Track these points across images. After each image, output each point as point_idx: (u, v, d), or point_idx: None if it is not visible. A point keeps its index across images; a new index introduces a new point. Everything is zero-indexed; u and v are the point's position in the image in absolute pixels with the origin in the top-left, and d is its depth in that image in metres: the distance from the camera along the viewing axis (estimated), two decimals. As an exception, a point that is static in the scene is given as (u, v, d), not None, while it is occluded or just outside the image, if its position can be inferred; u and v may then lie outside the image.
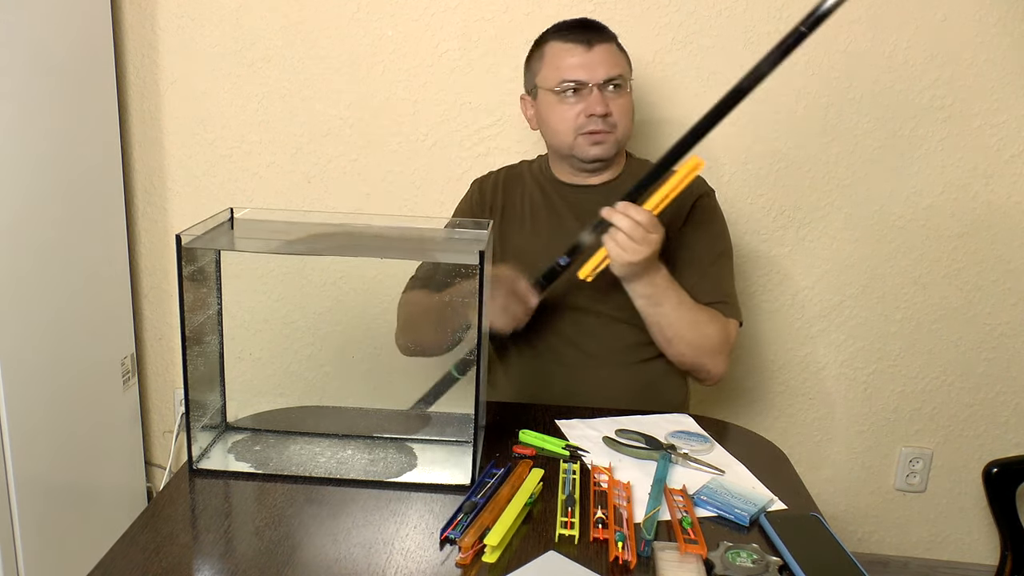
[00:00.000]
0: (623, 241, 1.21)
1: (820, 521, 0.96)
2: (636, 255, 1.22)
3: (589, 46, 1.36)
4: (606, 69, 1.35)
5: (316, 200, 1.90)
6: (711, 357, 1.37)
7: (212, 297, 1.12)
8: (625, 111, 1.38)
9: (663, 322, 1.33)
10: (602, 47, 1.36)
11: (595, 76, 1.35)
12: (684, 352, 1.36)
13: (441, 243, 1.21)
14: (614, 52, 1.38)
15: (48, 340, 1.61)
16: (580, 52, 1.36)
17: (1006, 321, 1.90)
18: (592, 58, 1.35)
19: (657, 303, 1.31)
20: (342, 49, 1.81)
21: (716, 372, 1.39)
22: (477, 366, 1.04)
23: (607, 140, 1.37)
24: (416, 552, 0.90)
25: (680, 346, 1.35)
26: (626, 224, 1.21)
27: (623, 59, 1.40)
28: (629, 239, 1.21)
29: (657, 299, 1.31)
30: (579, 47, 1.36)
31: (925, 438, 1.99)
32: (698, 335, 1.35)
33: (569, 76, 1.36)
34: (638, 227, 1.20)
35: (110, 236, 1.83)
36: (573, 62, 1.36)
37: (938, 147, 1.80)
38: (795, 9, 1.73)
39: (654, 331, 1.36)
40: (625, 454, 1.14)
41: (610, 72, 1.35)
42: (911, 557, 2.06)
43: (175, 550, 0.90)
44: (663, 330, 1.34)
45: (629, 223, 1.21)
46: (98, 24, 1.74)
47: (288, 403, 1.29)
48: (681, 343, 1.35)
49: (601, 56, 1.36)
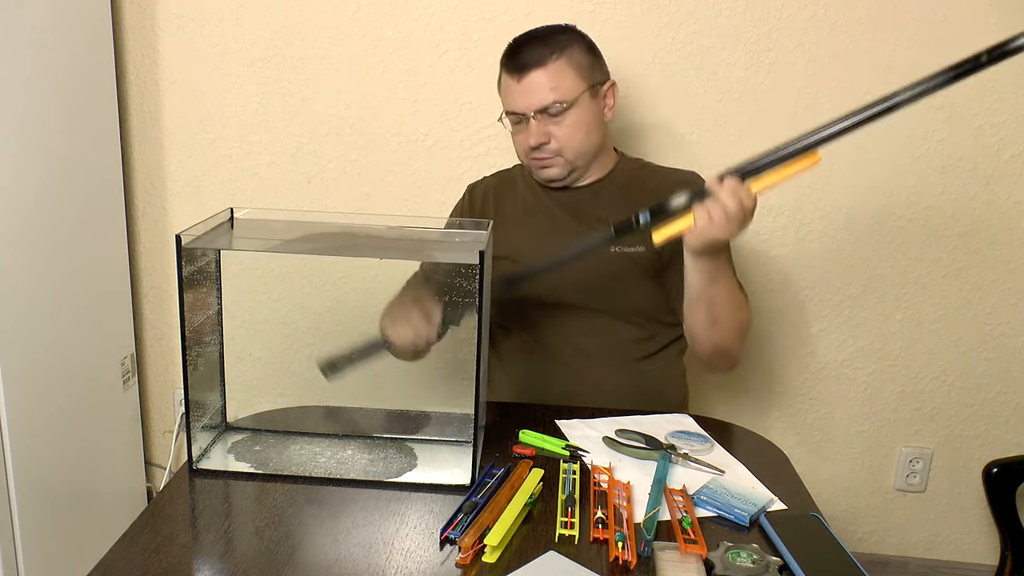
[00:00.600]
0: (718, 217, 1.15)
1: (820, 521, 0.96)
2: (724, 233, 1.16)
3: (520, 76, 1.34)
4: (539, 97, 1.33)
5: (316, 200, 1.90)
6: (740, 341, 1.35)
7: (212, 297, 1.12)
8: (570, 132, 1.35)
9: (715, 300, 1.28)
10: (534, 74, 1.33)
11: (529, 106, 1.34)
12: (723, 335, 1.32)
13: (441, 243, 1.21)
14: (552, 74, 1.33)
15: (48, 340, 1.61)
16: (513, 84, 1.35)
17: (1006, 321, 1.90)
18: (523, 88, 1.34)
19: (715, 280, 1.26)
20: (342, 49, 1.81)
21: (738, 357, 1.37)
22: (477, 366, 1.04)
23: (555, 164, 1.38)
24: (416, 552, 0.90)
25: (721, 328, 1.31)
26: (731, 203, 1.14)
27: (567, 77, 1.34)
28: (725, 217, 1.15)
29: (716, 276, 1.26)
30: (512, 78, 1.36)
31: (925, 438, 1.99)
32: (738, 318, 1.32)
33: (508, 107, 1.38)
34: (741, 209, 1.15)
35: (110, 236, 1.83)
36: (510, 94, 1.37)
37: (938, 147, 1.80)
38: (795, 9, 1.73)
39: (700, 311, 1.30)
40: (625, 454, 1.14)
41: (542, 101, 1.33)
42: (911, 557, 2.06)
43: (175, 550, 0.90)
44: (712, 309, 1.29)
45: (735, 203, 1.14)
46: (98, 24, 1.74)
47: (288, 403, 1.29)
48: (723, 325, 1.31)
49: (531, 85, 1.33)
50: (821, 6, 1.73)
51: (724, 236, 1.17)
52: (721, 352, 1.36)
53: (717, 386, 1.98)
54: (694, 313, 1.32)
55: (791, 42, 1.75)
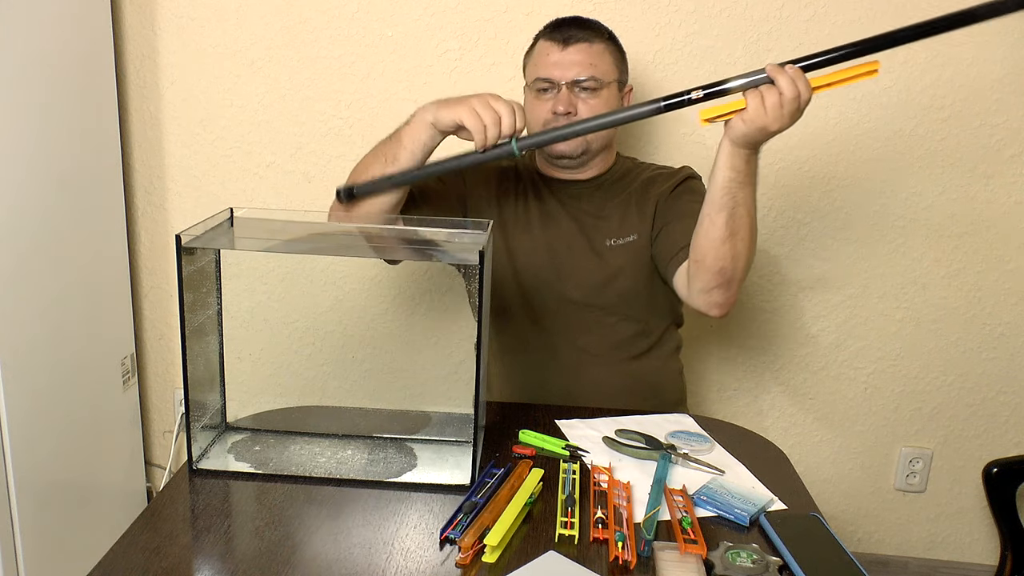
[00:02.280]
0: (772, 104, 1.10)
1: (820, 521, 0.96)
2: (776, 123, 1.11)
3: (565, 45, 1.36)
4: (578, 70, 1.34)
5: (316, 200, 1.90)
6: (744, 273, 1.27)
7: (212, 297, 1.12)
8: (595, 111, 1.35)
9: (739, 210, 1.20)
10: (580, 47, 1.35)
11: (565, 75, 1.34)
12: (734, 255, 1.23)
13: (441, 243, 1.21)
14: (595, 52, 1.36)
15: (48, 340, 1.61)
16: (556, 51, 1.36)
17: (1006, 321, 1.90)
18: (565, 57, 1.35)
19: (744, 184, 1.19)
20: (342, 49, 1.81)
21: (734, 297, 1.29)
22: (477, 366, 1.04)
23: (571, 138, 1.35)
24: (416, 552, 0.90)
25: (736, 245, 1.22)
26: (790, 90, 1.09)
27: (607, 60, 1.38)
28: (779, 105, 1.10)
29: (746, 180, 1.19)
30: (556, 46, 1.36)
31: (925, 438, 1.99)
32: (753, 241, 1.24)
33: (542, 74, 1.37)
34: (797, 98, 1.10)
35: (110, 236, 1.83)
36: (548, 60, 1.37)
37: (938, 147, 1.80)
38: (795, 9, 1.73)
39: (720, 218, 1.20)
40: (625, 454, 1.14)
41: (581, 73, 1.34)
42: (911, 557, 2.06)
43: (175, 550, 0.90)
44: (733, 219, 1.20)
45: (794, 90, 1.09)
46: (98, 24, 1.74)
47: (288, 403, 1.29)
48: (739, 242, 1.22)
49: (575, 56, 1.35)
50: (821, 6, 1.73)
51: (773, 126, 1.12)
52: (726, 279, 1.25)
53: (717, 386, 1.98)
54: (713, 220, 1.21)
55: (791, 42, 1.75)
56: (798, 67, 1.12)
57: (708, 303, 1.29)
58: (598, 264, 1.40)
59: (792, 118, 1.12)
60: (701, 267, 1.26)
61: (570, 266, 1.41)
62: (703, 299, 1.29)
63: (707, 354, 1.95)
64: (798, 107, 1.11)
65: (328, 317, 1.95)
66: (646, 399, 1.39)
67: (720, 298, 1.28)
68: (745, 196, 1.20)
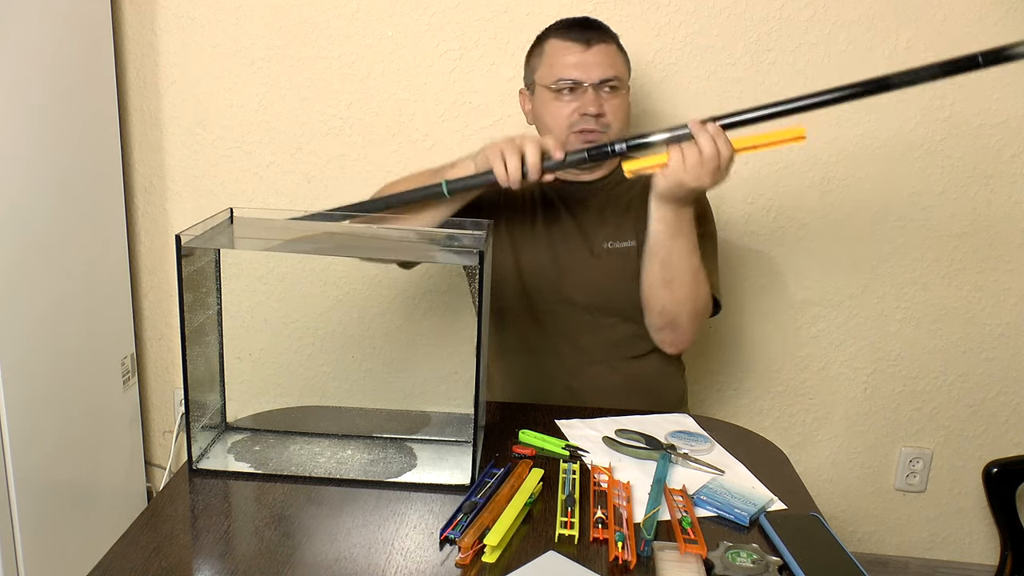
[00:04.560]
0: (692, 161, 1.12)
1: (820, 521, 0.96)
2: (695, 181, 1.14)
3: (588, 45, 1.36)
4: (602, 70, 1.35)
5: (316, 200, 1.89)
6: (691, 319, 1.32)
7: (212, 297, 1.12)
8: (619, 112, 1.37)
9: (672, 259, 1.26)
10: (601, 47, 1.36)
11: (591, 76, 1.34)
12: (674, 301, 1.29)
13: (441, 243, 1.21)
14: (612, 53, 1.38)
15: (48, 340, 1.61)
16: (578, 51, 1.36)
17: (1006, 321, 1.90)
18: (589, 58, 1.35)
19: (675, 235, 1.23)
20: (342, 49, 1.82)
21: (686, 338, 1.35)
22: (477, 366, 1.04)
23: (599, 140, 1.36)
24: (416, 552, 0.90)
25: (673, 293, 1.28)
26: (709, 148, 1.12)
27: (622, 60, 1.40)
28: (700, 163, 1.12)
29: (677, 231, 1.23)
30: (577, 46, 1.36)
31: (925, 438, 1.99)
32: (693, 289, 1.29)
33: (565, 75, 1.36)
34: (717, 156, 1.12)
35: (110, 236, 1.83)
36: (570, 60, 1.36)
37: (938, 147, 1.80)
38: (794, 9, 1.73)
39: (655, 265, 1.27)
40: (625, 454, 1.14)
41: (606, 73, 1.35)
42: (911, 557, 2.06)
43: (175, 550, 0.90)
44: (667, 268, 1.26)
45: (713, 149, 1.12)
46: (98, 24, 1.74)
47: (288, 403, 1.29)
48: (676, 290, 1.28)
49: (599, 56, 1.35)
50: (821, 6, 1.73)
51: (692, 183, 1.14)
52: (669, 321, 1.32)
53: (717, 386, 1.98)
54: (649, 266, 1.29)
55: (791, 42, 1.75)
56: (719, 125, 1.13)
57: (659, 340, 1.39)
58: (596, 266, 1.40)
59: (713, 176, 1.14)
60: (646, 307, 1.35)
61: (570, 267, 1.42)
62: (655, 336, 1.39)
63: (707, 354, 1.95)
64: (718, 166, 1.13)
65: (328, 317, 1.95)
66: (646, 399, 1.39)
67: (668, 337, 1.37)
68: (679, 246, 1.25)
